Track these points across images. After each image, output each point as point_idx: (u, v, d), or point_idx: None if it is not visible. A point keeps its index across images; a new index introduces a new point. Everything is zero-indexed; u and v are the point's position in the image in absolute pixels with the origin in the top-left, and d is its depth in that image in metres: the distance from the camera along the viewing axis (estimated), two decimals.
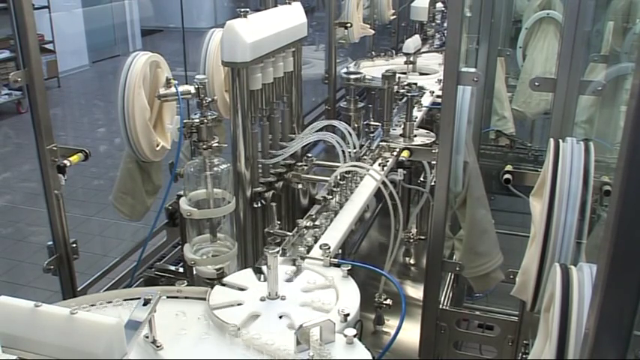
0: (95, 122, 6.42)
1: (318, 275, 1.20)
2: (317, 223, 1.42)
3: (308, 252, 1.30)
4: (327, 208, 1.49)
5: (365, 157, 1.80)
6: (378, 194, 1.64)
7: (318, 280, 1.18)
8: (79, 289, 1.60)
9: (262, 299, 1.12)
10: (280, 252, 1.15)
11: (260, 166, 1.57)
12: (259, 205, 1.52)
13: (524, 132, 3.28)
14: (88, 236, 3.92)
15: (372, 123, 2.06)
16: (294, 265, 1.23)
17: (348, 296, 1.13)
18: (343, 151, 1.61)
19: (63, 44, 7.57)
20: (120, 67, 1.57)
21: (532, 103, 3.05)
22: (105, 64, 8.19)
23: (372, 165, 1.76)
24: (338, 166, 1.56)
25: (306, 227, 1.39)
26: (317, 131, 1.65)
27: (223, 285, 1.18)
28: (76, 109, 6.98)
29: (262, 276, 1.20)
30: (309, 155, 1.71)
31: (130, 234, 3.59)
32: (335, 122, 1.71)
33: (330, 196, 1.51)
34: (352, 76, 2.17)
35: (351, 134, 1.65)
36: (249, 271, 1.22)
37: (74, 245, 1.56)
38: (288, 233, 1.38)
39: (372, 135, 1.91)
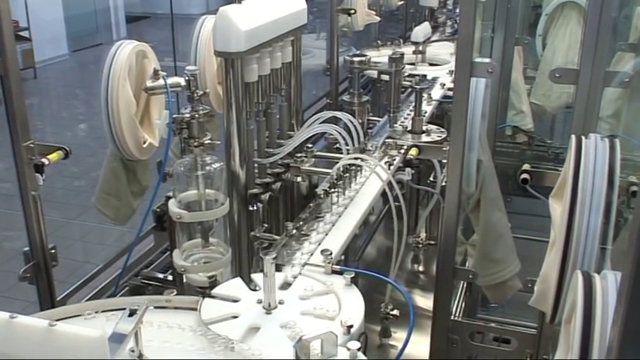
0: (76, 117, 6.43)
1: (314, 282, 1.21)
2: (315, 226, 1.42)
3: (308, 258, 1.30)
4: (327, 205, 1.49)
5: (369, 150, 1.80)
6: (384, 195, 1.64)
7: (315, 286, 1.18)
8: (58, 299, 1.61)
9: (259, 310, 1.13)
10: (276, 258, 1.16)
11: (256, 166, 1.58)
12: (255, 208, 1.52)
13: (544, 128, 3.29)
14: (68, 241, 3.92)
15: (375, 119, 2.06)
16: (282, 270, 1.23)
17: (352, 306, 1.13)
18: (347, 143, 1.62)
19: (40, 32, 7.58)
20: (103, 57, 1.57)
21: (552, 96, 3.05)
22: (86, 53, 8.20)
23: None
24: (341, 158, 1.57)
25: (298, 229, 1.40)
26: (318, 124, 1.65)
27: (213, 297, 1.18)
28: (55, 103, 7.00)
29: (253, 284, 1.20)
30: (309, 146, 1.72)
31: (114, 239, 3.59)
32: (337, 113, 1.72)
33: (332, 189, 1.51)
34: (356, 59, 2.17)
35: (355, 126, 1.65)
36: (237, 281, 1.22)
37: (53, 251, 1.57)
38: (276, 237, 1.38)
39: (370, 131, 1.91)
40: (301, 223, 1.42)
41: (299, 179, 1.67)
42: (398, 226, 1.50)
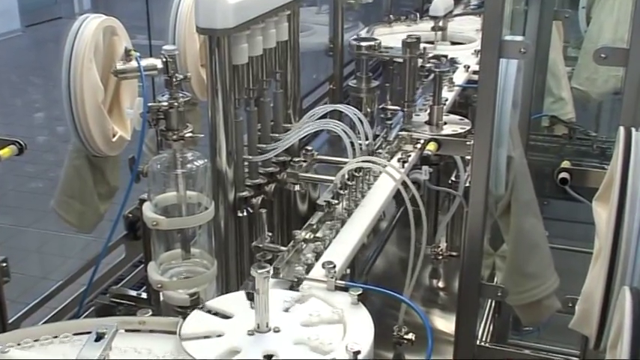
0: (31, 105, 6.43)
1: (326, 306, 1.21)
2: (319, 234, 1.43)
3: (307, 272, 1.31)
4: (331, 216, 1.50)
5: (380, 150, 1.81)
6: (397, 198, 1.65)
7: (324, 312, 1.19)
8: (9, 322, 1.61)
9: (250, 332, 1.13)
10: (272, 272, 1.16)
11: (246, 164, 1.59)
12: (245, 214, 1.53)
13: (588, 118, 3.29)
14: (21, 253, 3.93)
15: (390, 107, 2.06)
16: (292, 288, 1.24)
17: (359, 329, 1.14)
18: (352, 144, 1.62)
19: None
20: (63, 34, 1.58)
21: (598, 80, 3.06)
22: (43, 29, 8.19)
23: (389, 161, 1.77)
24: (346, 162, 1.58)
25: (306, 240, 1.41)
26: (319, 119, 1.66)
27: (205, 310, 1.19)
28: (6, 88, 6.99)
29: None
30: (309, 149, 1.72)
31: (78, 250, 3.60)
32: (342, 107, 1.72)
33: (336, 201, 1.52)
34: (364, 44, 2.17)
35: (362, 122, 1.66)
36: (240, 295, 1.23)
37: (4, 265, 1.58)
38: (283, 248, 1.39)
39: (389, 122, 1.92)
40: (310, 233, 1.43)
41: (297, 188, 1.67)
42: (414, 235, 1.50)
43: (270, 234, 1.46)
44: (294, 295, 1.23)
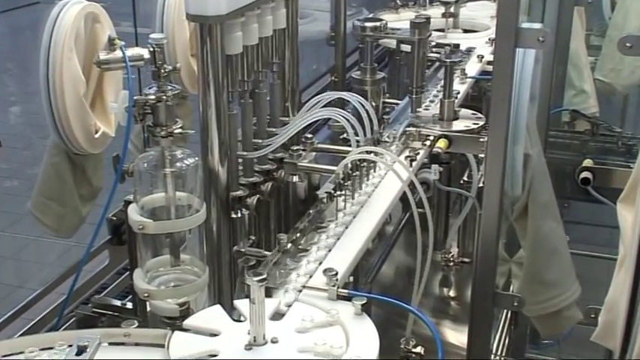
0: (6, 98, 6.44)
1: (315, 310, 1.22)
2: (316, 239, 1.43)
3: (307, 280, 1.31)
4: (331, 213, 1.50)
5: (386, 141, 1.81)
6: (404, 200, 1.65)
7: (316, 316, 1.19)
8: None
9: (248, 347, 1.13)
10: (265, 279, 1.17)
11: (240, 161, 1.59)
12: (239, 215, 1.53)
13: (612, 112, 3.30)
14: None
15: (389, 100, 2.06)
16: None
17: (363, 342, 1.14)
18: (356, 133, 1.63)
19: None
20: (42, 21, 1.58)
21: (624, 71, 3.06)
22: (19, 14, 8.19)
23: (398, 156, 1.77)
24: (349, 151, 1.58)
25: (294, 242, 1.40)
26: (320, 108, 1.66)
27: (185, 330, 1.19)
28: None
29: (237, 314, 1.21)
30: (309, 136, 1.72)
31: (57, 256, 3.61)
32: (344, 94, 1.72)
33: (338, 192, 1.51)
34: (369, 25, 2.17)
35: (367, 110, 1.66)
36: (217, 309, 1.23)
37: None
38: (267, 253, 1.39)
39: (386, 117, 1.91)
40: (299, 234, 1.43)
41: (295, 179, 1.67)
42: (422, 239, 1.51)
43: (253, 237, 1.46)
44: (281, 302, 1.23)
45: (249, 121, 1.61)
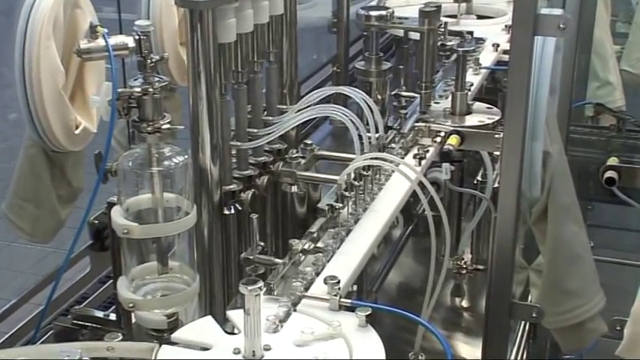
0: None
1: (314, 321, 1.22)
2: (320, 244, 1.43)
3: (307, 289, 1.32)
4: (335, 222, 1.50)
5: (393, 144, 1.81)
6: (413, 202, 1.65)
7: (316, 327, 1.19)
8: None
9: None
10: (264, 289, 1.17)
11: (234, 152, 1.58)
12: (232, 211, 1.53)
13: None
14: None
15: (404, 94, 2.06)
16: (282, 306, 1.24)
17: (368, 355, 1.14)
18: (360, 136, 1.62)
19: None
20: (17, 6, 1.58)
21: None
22: None
23: (404, 157, 1.77)
24: (352, 159, 1.58)
25: (305, 251, 1.41)
26: (320, 103, 1.66)
27: (174, 344, 1.19)
28: None
29: (230, 326, 1.21)
30: (309, 142, 1.72)
31: (33, 262, 3.61)
32: (347, 89, 1.72)
33: (341, 204, 1.52)
34: (374, 14, 2.17)
35: (372, 109, 1.66)
36: (208, 321, 1.23)
37: None
38: (278, 261, 1.39)
39: (403, 112, 1.92)
40: (309, 243, 1.42)
41: (294, 189, 1.67)
42: (434, 245, 1.50)
43: (262, 243, 1.45)
44: (279, 313, 1.23)
45: (244, 109, 1.61)
